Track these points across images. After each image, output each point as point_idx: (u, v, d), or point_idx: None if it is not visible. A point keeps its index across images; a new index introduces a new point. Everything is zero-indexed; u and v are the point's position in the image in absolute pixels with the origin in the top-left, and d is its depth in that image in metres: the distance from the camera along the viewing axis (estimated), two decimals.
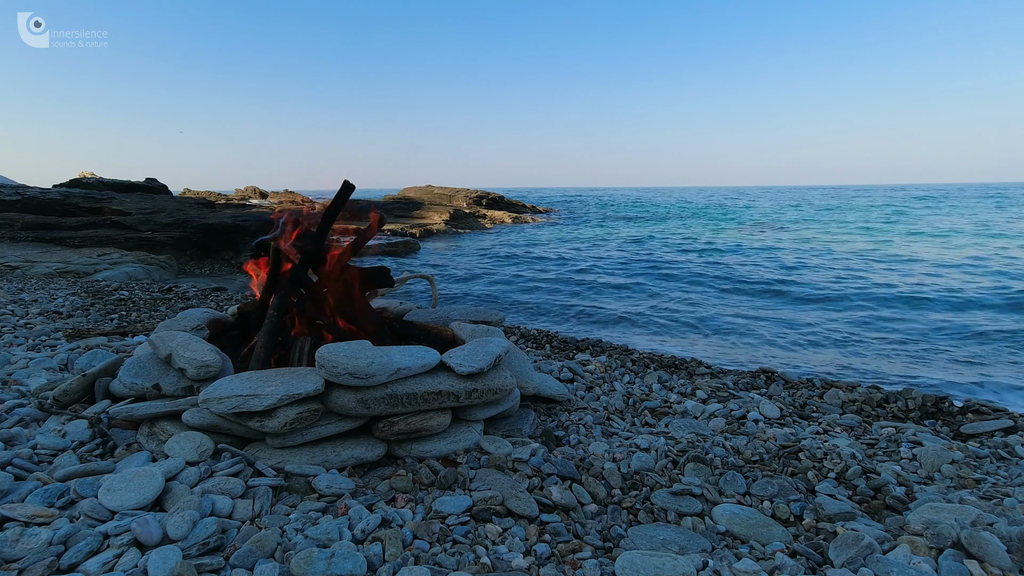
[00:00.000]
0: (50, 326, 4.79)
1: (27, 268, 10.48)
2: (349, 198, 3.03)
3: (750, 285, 12.42)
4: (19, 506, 1.70)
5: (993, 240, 20.02)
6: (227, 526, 1.70)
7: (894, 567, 1.64)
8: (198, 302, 7.09)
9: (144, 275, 11.74)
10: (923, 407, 3.70)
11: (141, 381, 2.49)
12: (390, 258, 17.38)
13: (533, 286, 13.05)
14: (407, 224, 25.56)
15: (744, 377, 4.46)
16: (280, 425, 2.08)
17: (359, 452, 2.23)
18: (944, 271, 13.94)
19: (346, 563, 1.54)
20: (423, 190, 36.01)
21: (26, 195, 15.18)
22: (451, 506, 1.93)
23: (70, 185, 18.33)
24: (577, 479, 2.21)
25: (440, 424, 2.33)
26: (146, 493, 1.79)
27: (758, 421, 3.18)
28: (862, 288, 11.70)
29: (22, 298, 6.49)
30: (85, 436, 2.27)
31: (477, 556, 1.69)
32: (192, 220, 15.25)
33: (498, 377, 2.51)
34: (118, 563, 1.50)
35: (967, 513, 1.92)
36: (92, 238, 13.68)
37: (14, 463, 1.98)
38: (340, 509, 1.88)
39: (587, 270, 15.41)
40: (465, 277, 14.64)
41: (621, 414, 3.28)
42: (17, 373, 3.14)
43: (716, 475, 2.33)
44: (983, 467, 2.67)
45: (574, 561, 1.70)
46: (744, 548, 1.85)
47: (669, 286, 12.67)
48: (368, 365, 2.19)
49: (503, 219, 33.04)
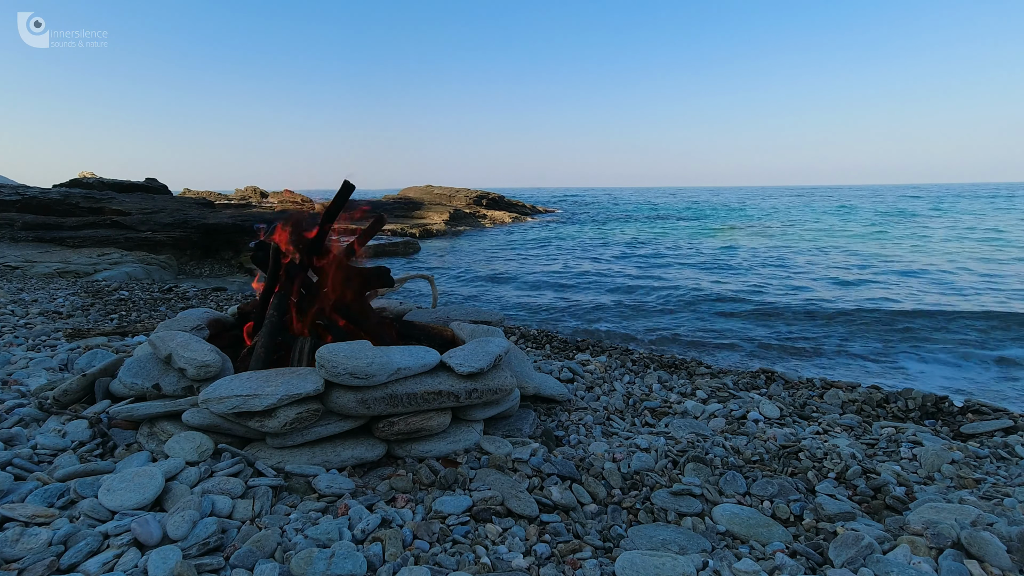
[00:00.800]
0: (50, 326, 4.79)
1: (27, 268, 10.48)
2: (349, 198, 3.03)
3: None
4: (19, 506, 1.70)
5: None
6: (227, 526, 1.70)
7: (894, 567, 1.64)
8: (198, 302, 7.09)
9: (144, 275, 11.74)
10: (923, 407, 3.70)
11: (141, 381, 2.49)
12: (390, 258, 17.38)
13: (532, 286, 13.05)
14: (407, 224, 25.56)
15: (744, 377, 4.46)
16: (280, 425, 2.08)
17: (359, 452, 2.23)
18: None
19: (346, 563, 1.54)
20: (423, 190, 36.02)
21: (26, 195, 15.19)
22: (451, 506, 1.93)
23: (70, 185, 18.34)
24: (577, 479, 2.21)
25: (440, 424, 2.33)
26: (146, 493, 1.79)
27: (758, 421, 3.18)
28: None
29: (22, 298, 6.49)
30: (85, 436, 2.27)
31: (477, 556, 1.69)
32: (192, 220, 15.25)
33: (498, 377, 2.51)
34: (118, 563, 1.50)
35: (967, 513, 1.92)
36: (92, 238, 13.68)
37: (14, 463, 1.98)
38: (340, 509, 1.88)
39: (586, 271, 15.41)
40: (465, 277, 14.64)
41: (621, 414, 3.28)
42: (17, 373, 3.14)
43: (716, 475, 2.33)
44: (983, 467, 2.67)
45: (574, 561, 1.70)
46: (744, 548, 1.85)
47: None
48: (368, 365, 2.19)
49: (503, 219, 33.04)
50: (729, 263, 16.46)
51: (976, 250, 18.16)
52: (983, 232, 23.79)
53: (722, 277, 13.99)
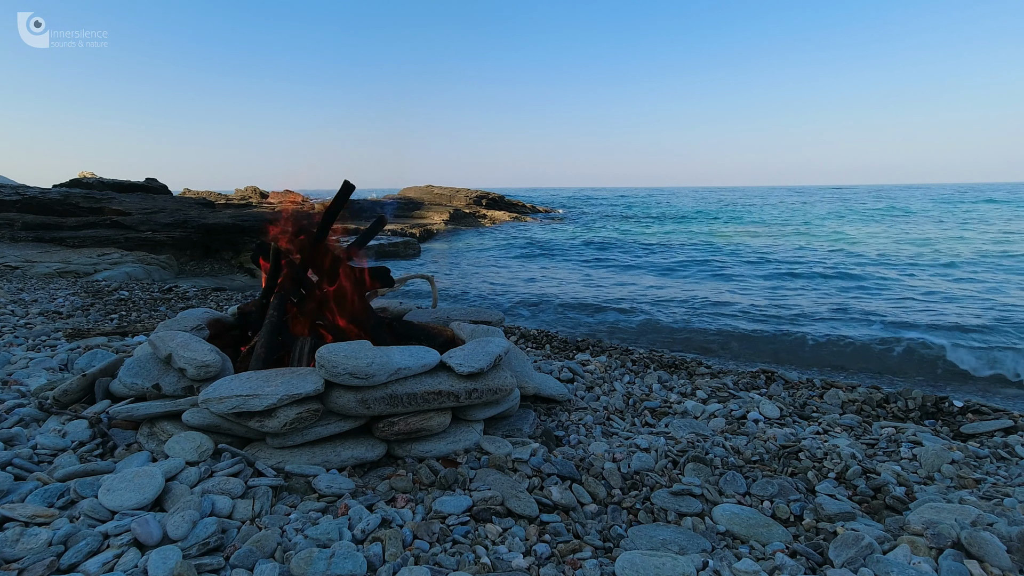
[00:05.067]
0: (50, 326, 4.79)
1: (27, 268, 10.48)
2: (349, 198, 3.03)
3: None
4: (19, 506, 1.70)
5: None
6: (227, 526, 1.70)
7: (894, 567, 1.64)
8: (198, 302, 7.09)
9: (144, 275, 11.73)
10: (923, 407, 3.70)
11: (141, 381, 2.49)
12: (390, 259, 17.39)
13: (532, 284, 13.05)
14: (407, 224, 25.56)
15: (744, 377, 4.46)
16: (280, 425, 2.08)
17: (359, 452, 2.23)
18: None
19: (346, 563, 1.54)
20: (423, 190, 36.01)
21: (26, 195, 15.18)
22: (451, 506, 1.93)
23: (70, 185, 18.33)
24: (577, 479, 2.21)
25: (440, 424, 2.33)
26: (146, 493, 1.79)
27: (758, 421, 3.18)
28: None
29: (22, 298, 6.49)
30: (85, 436, 2.27)
31: (477, 556, 1.69)
32: (192, 220, 15.25)
33: (498, 377, 2.51)
34: (118, 563, 1.50)
35: (967, 513, 1.92)
36: (92, 238, 13.68)
37: (14, 463, 1.98)
38: (340, 509, 1.88)
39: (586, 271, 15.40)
40: (465, 277, 14.64)
41: (621, 414, 3.28)
42: (17, 373, 3.14)
43: (716, 475, 2.33)
44: (983, 467, 2.67)
45: (574, 561, 1.70)
46: (744, 548, 1.85)
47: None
48: (368, 365, 2.19)
49: (503, 219, 33.05)
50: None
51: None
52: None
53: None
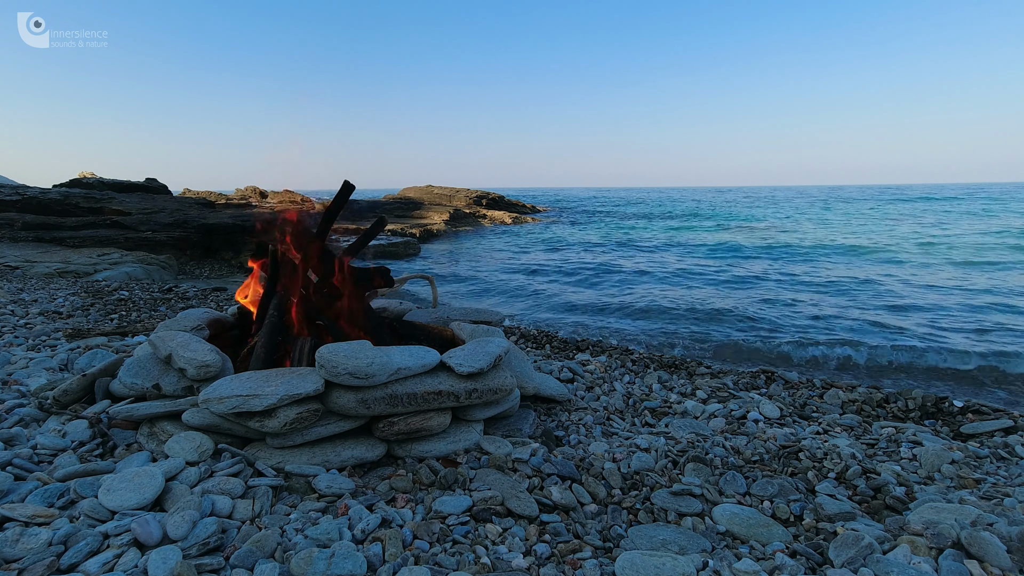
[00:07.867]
0: (50, 326, 4.79)
1: (27, 268, 10.48)
2: (349, 198, 3.03)
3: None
4: (19, 506, 1.70)
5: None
6: (227, 526, 1.70)
7: (894, 567, 1.64)
8: (198, 302, 7.09)
9: (144, 275, 11.73)
10: (923, 407, 3.70)
11: (141, 381, 2.49)
12: (390, 260, 17.39)
13: (532, 285, 13.05)
14: (407, 224, 25.56)
15: (744, 377, 4.46)
16: (280, 425, 2.08)
17: (359, 452, 2.23)
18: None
19: (346, 563, 1.54)
20: (423, 190, 36.01)
21: (26, 195, 15.18)
22: (451, 506, 1.93)
23: (70, 185, 18.32)
24: (577, 479, 2.21)
25: (440, 424, 2.33)
26: (146, 493, 1.79)
27: (758, 421, 3.18)
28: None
29: (22, 298, 6.48)
30: (85, 436, 2.27)
31: (477, 556, 1.69)
32: (192, 220, 15.25)
33: (498, 377, 2.51)
34: (118, 563, 1.50)
35: (967, 513, 1.92)
36: (92, 238, 13.68)
37: (14, 463, 1.98)
38: (340, 509, 1.88)
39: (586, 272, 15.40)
40: (465, 276, 14.64)
41: (621, 414, 3.28)
42: (17, 373, 3.14)
43: (716, 475, 2.33)
44: (983, 467, 2.67)
45: (574, 561, 1.70)
46: (744, 548, 1.85)
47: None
48: (368, 365, 2.19)
49: (503, 219, 33.04)
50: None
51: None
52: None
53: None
